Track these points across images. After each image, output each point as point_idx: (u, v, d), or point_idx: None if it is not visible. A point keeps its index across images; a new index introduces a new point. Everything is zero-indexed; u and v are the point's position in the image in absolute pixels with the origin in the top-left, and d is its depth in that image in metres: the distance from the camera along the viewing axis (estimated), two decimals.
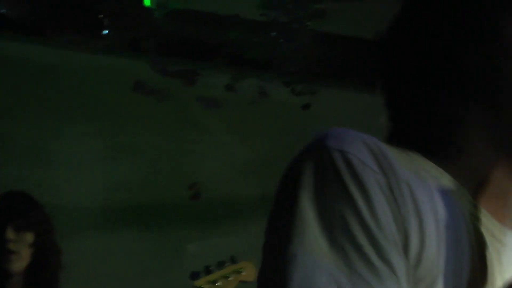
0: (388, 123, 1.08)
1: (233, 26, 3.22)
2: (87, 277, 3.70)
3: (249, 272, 3.23)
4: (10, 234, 2.36)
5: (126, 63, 3.77)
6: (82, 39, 3.11)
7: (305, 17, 3.08)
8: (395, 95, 1.05)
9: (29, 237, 2.41)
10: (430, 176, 0.95)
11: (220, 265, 3.21)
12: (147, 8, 2.90)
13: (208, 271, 3.11)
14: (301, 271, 0.86)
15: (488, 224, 0.97)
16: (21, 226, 2.40)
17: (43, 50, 3.42)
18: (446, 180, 0.96)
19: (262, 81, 3.22)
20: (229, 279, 3.18)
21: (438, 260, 0.90)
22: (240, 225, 4.31)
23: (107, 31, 2.93)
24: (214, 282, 3.12)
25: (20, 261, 2.40)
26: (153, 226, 4.26)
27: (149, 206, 4.22)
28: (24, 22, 3.08)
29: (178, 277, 3.63)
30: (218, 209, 4.12)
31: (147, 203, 4.21)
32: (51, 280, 2.50)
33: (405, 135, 1.02)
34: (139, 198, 4.29)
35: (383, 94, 1.08)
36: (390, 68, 1.06)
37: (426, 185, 0.94)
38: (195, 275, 3.09)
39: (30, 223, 2.42)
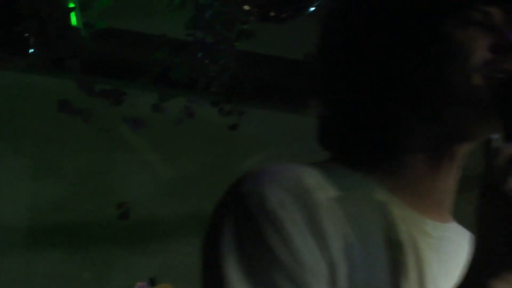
0: (321, 135, 1.08)
1: (160, 46, 3.21)
2: None
3: None
4: None
5: (52, 82, 3.73)
6: (6, 57, 3.06)
7: (233, 38, 3.08)
8: (330, 104, 1.06)
9: None
10: (357, 192, 0.96)
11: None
12: (74, 27, 2.87)
13: None
14: None
15: (420, 224, 0.98)
16: None
17: None
18: (374, 192, 0.97)
19: (189, 101, 3.22)
20: None
21: (369, 280, 0.91)
22: (164, 245, 4.29)
23: (32, 50, 2.89)
24: None
25: None
26: (78, 247, 4.21)
27: (75, 226, 4.17)
28: None
29: None
30: (144, 229, 4.09)
31: (73, 223, 4.17)
32: None
33: (340, 141, 1.02)
34: (64, 218, 4.24)
35: (318, 106, 1.08)
36: (325, 79, 1.07)
37: (353, 203, 0.94)
38: None
39: None
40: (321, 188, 0.93)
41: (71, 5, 2.92)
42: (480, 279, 0.84)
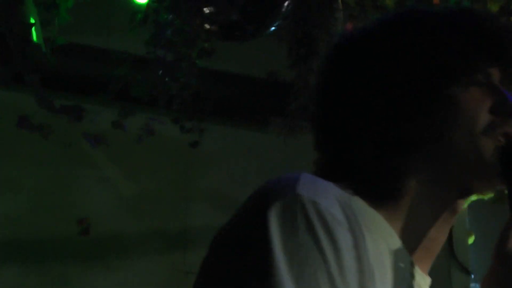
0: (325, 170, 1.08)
1: (120, 62, 3.21)
2: None
3: None
4: None
5: (11, 97, 3.71)
6: None
7: (194, 55, 3.09)
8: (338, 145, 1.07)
9: None
10: (380, 235, 0.98)
11: None
12: (34, 42, 2.86)
13: None
14: None
15: (420, 281, 1.03)
16: None
17: None
18: (393, 240, 1.00)
19: (150, 118, 3.22)
20: None
21: None
22: (125, 261, 4.27)
23: None
24: None
25: None
26: (37, 262, 4.18)
27: (34, 242, 4.15)
28: None
29: None
30: (104, 245, 4.07)
31: (32, 238, 4.14)
32: None
33: (351, 184, 1.02)
34: (23, 233, 4.21)
35: (322, 143, 1.08)
36: (333, 117, 1.07)
37: (378, 244, 0.96)
38: None
39: None
40: (358, 216, 0.94)
41: (32, 20, 2.91)
42: None
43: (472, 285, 4.79)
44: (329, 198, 0.92)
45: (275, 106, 4.09)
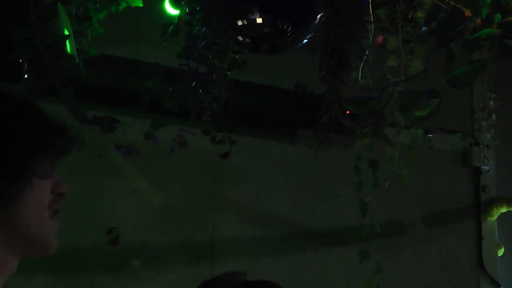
0: None
1: (152, 74, 3.23)
2: None
3: None
4: None
5: (44, 108, 3.73)
6: (0, 83, 3.08)
7: (225, 67, 3.11)
8: None
9: None
10: None
11: None
12: (67, 54, 2.89)
13: None
14: None
15: None
16: None
17: None
18: None
19: (182, 129, 3.23)
20: None
21: None
22: (153, 272, 4.28)
23: (26, 76, 2.91)
24: None
25: None
26: (66, 272, 4.20)
27: (62, 251, 4.17)
28: None
29: None
30: (133, 256, 4.09)
31: (60, 248, 4.16)
32: None
33: None
34: None
35: None
36: None
37: None
38: None
39: None
40: None
41: (66, 32, 2.94)
42: None
43: None
44: None
45: (303, 118, 4.10)
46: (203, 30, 3.05)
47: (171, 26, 3.16)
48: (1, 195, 1.19)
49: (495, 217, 4.89)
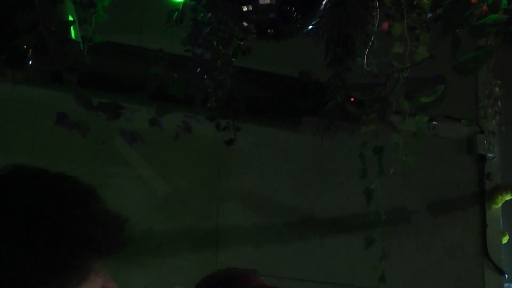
0: None
1: (157, 61, 3.22)
2: None
3: None
4: None
5: (47, 96, 3.74)
6: (4, 69, 3.07)
7: (230, 54, 3.10)
8: None
9: None
10: None
11: None
12: (72, 40, 2.88)
13: None
14: None
15: None
16: None
17: None
18: None
19: (186, 116, 3.23)
20: None
21: None
22: (159, 259, 4.29)
23: (30, 62, 2.91)
24: None
25: None
26: None
27: None
28: None
29: None
30: (138, 243, 4.09)
31: None
32: None
33: None
34: None
35: None
36: None
37: None
38: None
39: None
40: None
41: (71, 18, 2.93)
42: None
43: (505, 285, 4.77)
44: None
45: (307, 105, 4.09)
46: (208, 16, 3.05)
47: (176, 13, 3.16)
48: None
49: (500, 204, 4.89)
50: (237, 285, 2.19)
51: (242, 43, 3.17)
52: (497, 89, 3.88)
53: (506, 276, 4.75)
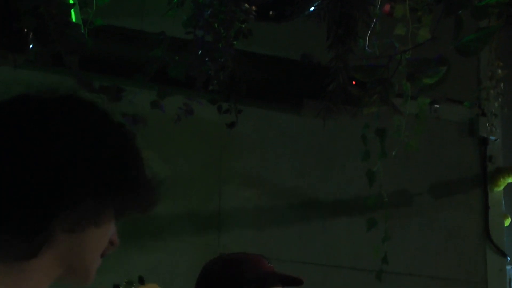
0: None
1: (158, 43, 3.22)
2: None
3: None
4: None
5: (51, 78, 3.72)
6: (5, 53, 3.07)
7: (231, 36, 3.09)
8: None
9: None
10: None
11: (129, 285, 3.18)
12: (73, 23, 2.88)
13: None
14: None
15: None
16: None
17: None
18: None
19: (188, 98, 3.23)
20: None
21: None
22: (159, 242, 4.29)
23: (31, 45, 2.90)
24: None
25: None
26: None
27: None
28: None
29: None
30: (138, 226, 4.09)
31: None
32: None
33: None
34: None
35: None
36: None
37: None
38: None
39: None
40: None
41: (71, 1, 2.92)
42: None
43: (508, 267, 4.77)
44: None
45: (309, 88, 4.08)
46: None
47: None
48: (83, 219, 1.22)
49: (502, 187, 4.88)
50: (246, 269, 2.17)
51: (243, 25, 3.16)
52: (499, 71, 3.87)
53: (508, 258, 4.75)
